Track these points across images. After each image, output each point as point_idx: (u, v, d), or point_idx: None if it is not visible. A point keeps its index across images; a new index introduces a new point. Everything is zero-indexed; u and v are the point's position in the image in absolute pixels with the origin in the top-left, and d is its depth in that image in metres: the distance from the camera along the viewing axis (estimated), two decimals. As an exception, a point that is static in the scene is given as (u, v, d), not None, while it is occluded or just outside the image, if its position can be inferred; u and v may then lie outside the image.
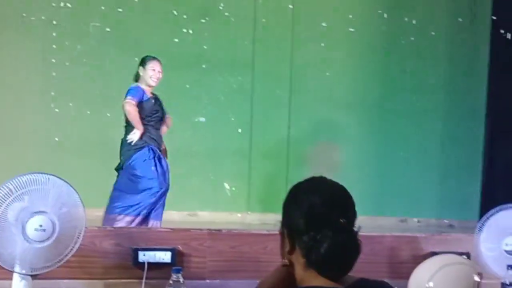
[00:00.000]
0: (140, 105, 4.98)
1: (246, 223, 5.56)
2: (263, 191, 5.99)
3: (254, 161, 6.35)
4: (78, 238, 2.38)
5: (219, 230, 3.57)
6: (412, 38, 6.81)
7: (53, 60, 6.18)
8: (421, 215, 6.62)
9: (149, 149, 5.04)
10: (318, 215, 1.59)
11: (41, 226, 2.26)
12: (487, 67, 6.19)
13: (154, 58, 5.16)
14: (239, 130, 5.82)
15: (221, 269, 3.36)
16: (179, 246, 3.15)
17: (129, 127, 5.06)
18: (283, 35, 6.38)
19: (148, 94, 5.08)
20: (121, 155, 5.07)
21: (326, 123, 5.30)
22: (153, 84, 5.08)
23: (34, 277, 2.31)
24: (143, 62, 5.13)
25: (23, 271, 2.27)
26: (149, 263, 2.93)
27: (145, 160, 5.01)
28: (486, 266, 3.29)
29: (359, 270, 1.64)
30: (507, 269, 2.73)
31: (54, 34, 6.16)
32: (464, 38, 6.80)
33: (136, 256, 2.92)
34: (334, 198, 1.63)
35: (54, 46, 6.18)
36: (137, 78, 5.10)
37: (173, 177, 6.11)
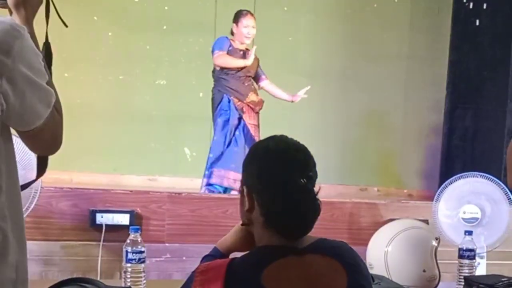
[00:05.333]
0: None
1: (206, 188, 5.54)
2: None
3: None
4: (34, 197, 2.34)
5: (179, 193, 3.55)
6: (375, 5, 6.79)
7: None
8: (381, 184, 6.68)
9: (228, 100, 4.82)
10: (277, 174, 1.56)
11: (-7, 184, 2.19)
12: (449, 36, 6.22)
13: (246, 14, 4.86)
14: (200, 94, 5.76)
15: (180, 232, 3.35)
16: (138, 209, 3.12)
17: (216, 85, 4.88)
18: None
19: (237, 46, 4.86)
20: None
21: (288, 89, 5.27)
22: (247, 42, 4.87)
23: (-14, 237, 2.25)
24: (236, 18, 4.86)
25: (-25, 231, 2.21)
26: (106, 225, 2.91)
27: (222, 111, 4.82)
28: (444, 233, 3.35)
29: (319, 235, 1.64)
30: (465, 234, 2.76)
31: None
32: (427, 7, 6.81)
33: (93, 218, 2.90)
34: (294, 157, 1.60)
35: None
36: (232, 33, 4.89)
37: (132, 141, 6.04)
